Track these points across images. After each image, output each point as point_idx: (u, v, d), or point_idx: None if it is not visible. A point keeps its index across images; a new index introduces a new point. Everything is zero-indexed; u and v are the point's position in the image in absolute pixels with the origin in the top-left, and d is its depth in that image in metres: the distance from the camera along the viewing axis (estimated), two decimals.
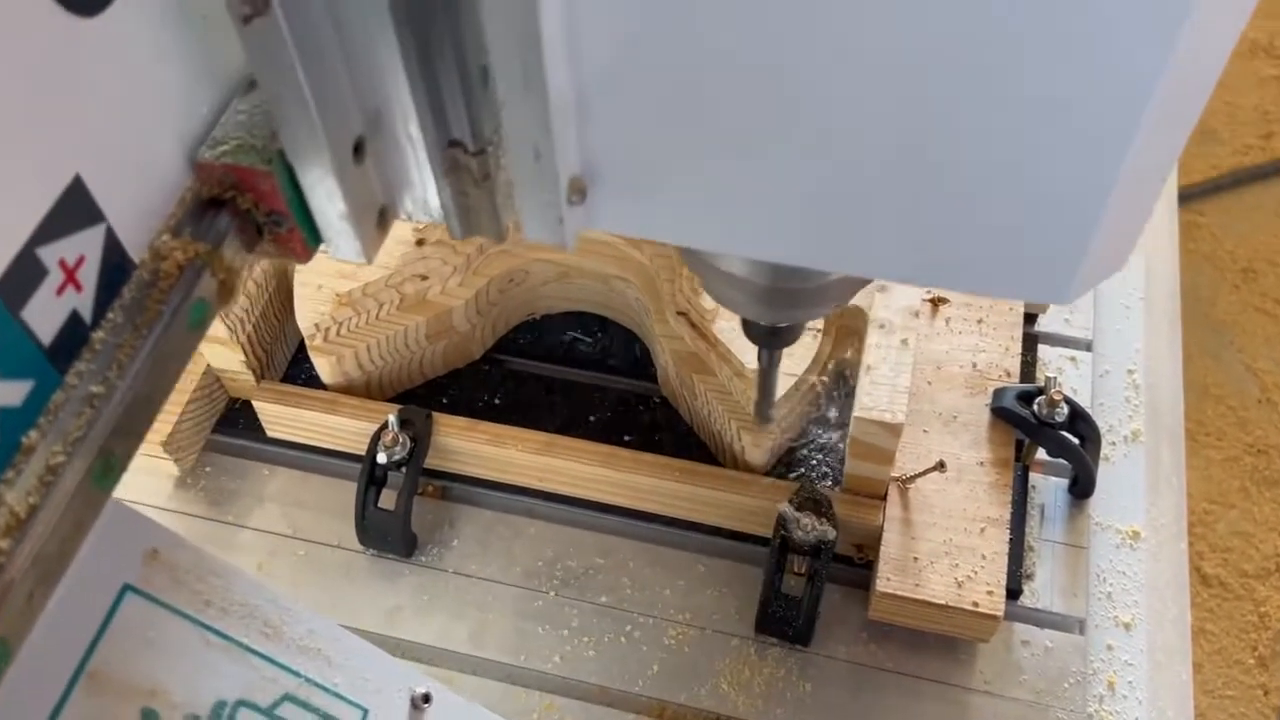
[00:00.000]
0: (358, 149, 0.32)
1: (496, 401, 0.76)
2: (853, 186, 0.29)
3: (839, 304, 0.44)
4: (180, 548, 0.43)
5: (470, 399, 0.76)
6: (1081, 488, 0.71)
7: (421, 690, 0.46)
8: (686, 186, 0.31)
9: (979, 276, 0.31)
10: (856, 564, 0.68)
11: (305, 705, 0.43)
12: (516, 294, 0.77)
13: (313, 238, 0.34)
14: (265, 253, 0.35)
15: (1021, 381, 0.72)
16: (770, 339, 0.47)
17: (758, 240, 0.32)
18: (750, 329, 0.47)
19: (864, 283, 0.45)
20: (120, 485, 0.76)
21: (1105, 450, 0.73)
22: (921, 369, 0.71)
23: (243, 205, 0.34)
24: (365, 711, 0.45)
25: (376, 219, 0.34)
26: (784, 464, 0.71)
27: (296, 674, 0.44)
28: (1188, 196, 1.78)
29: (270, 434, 0.75)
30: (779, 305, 0.42)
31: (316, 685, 0.44)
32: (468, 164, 0.31)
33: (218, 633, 0.43)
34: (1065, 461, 0.71)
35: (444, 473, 0.73)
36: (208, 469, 0.75)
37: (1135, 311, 0.82)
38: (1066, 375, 0.77)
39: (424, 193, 0.33)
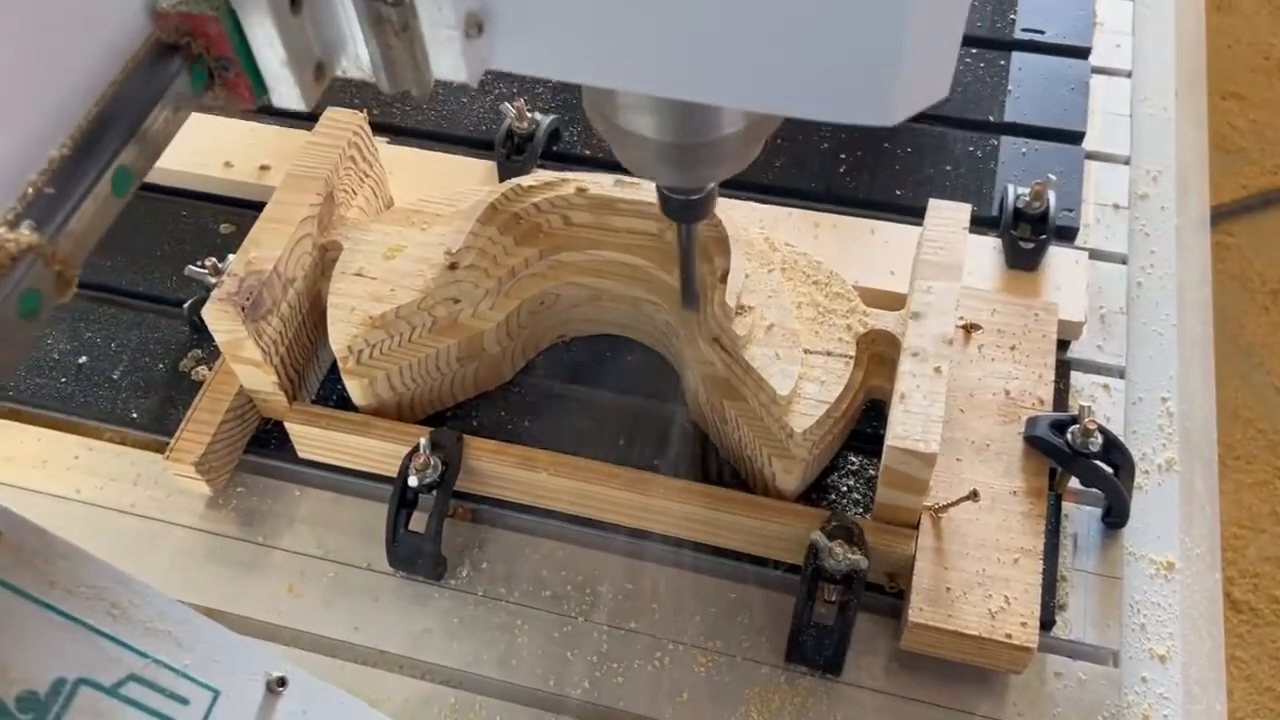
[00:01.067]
0: (294, 0, 0.35)
1: (526, 424, 0.76)
2: (700, 12, 0.32)
3: (738, 164, 0.46)
4: (25, 529, 0.45)
5: (499, 421, 0.76)
6: (1116, 517, 0.70)
7: (277, 674, 0.47)
8: (567, 18, 0.34)
9: (807, 97, 0.34)
10: (887, 592, 0.68)
11: (151, 685, 0.43)
12: (547, 317, 0.77)
13: (259, 85, 0.37)
14: (216, 99, 0.38)
15: (1054, 409, 0.72)
16: (684, 211, 0.49)
17: (627, 71, 0.35)
18: (665, 205, 0.49)
19: (758, 138, 0.46)
20: (150, 502, 0.76)
21: (1139, 479, 0.73)
22: (954, 396, 0.70)
23: (195, 50, 0.37)
24: (217, 693, 0.45)
25: (314, 71, 0.37)
26: (813, 490, 0.71)
27: (143, 654, 0.44)
28: (1217, 217, 1.77)
29: (301, 455, 0.75)
30: (683, 164, 0.44)
31: (164, 666, 0.44)
32: (389, 15, 0.34)
33: (62, 613, 0.43)
34: (1098, 490, 0.71)
35: (474, 495, 0.73)
36: (239, 489, 0.76)
37: (1169, 339, 0.81)
38: (1099, 403, 0.77)
39: (355, 48, 0.36)
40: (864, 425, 0.74)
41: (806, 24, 0.32)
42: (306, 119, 0.87)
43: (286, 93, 0.37)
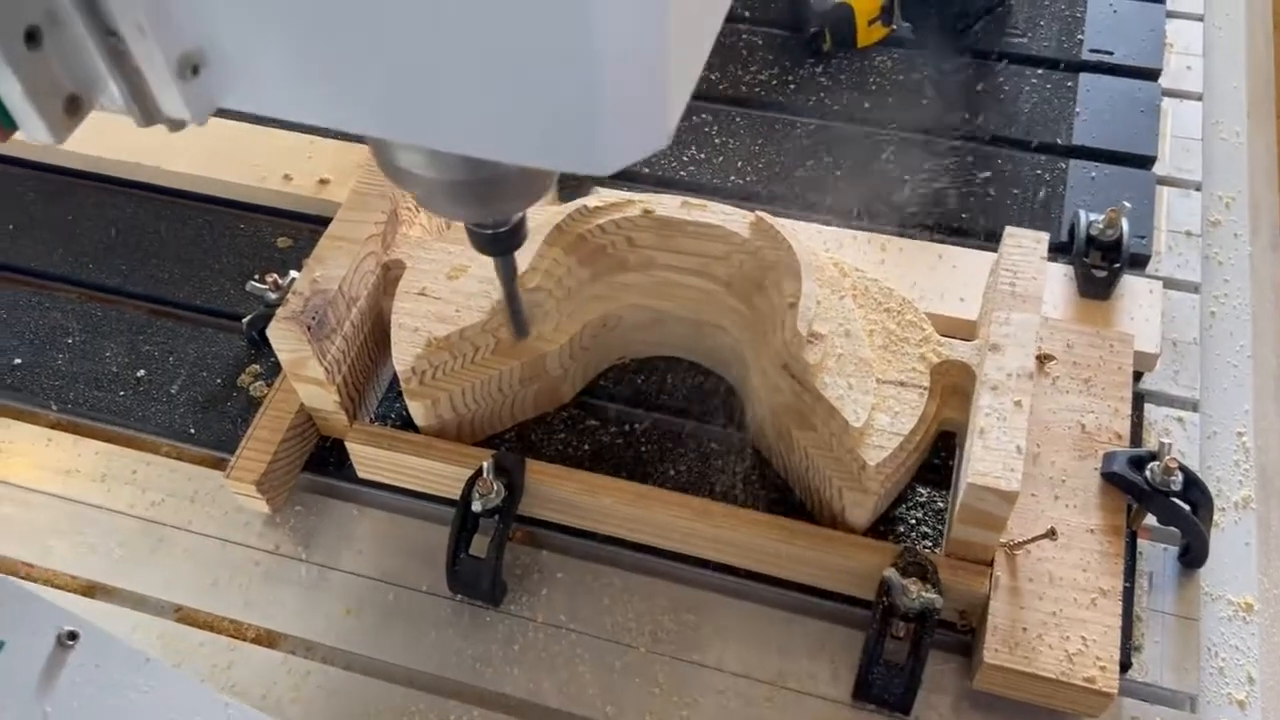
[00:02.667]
0: (31, 37, 0.35)
1: (584, 446, 0.75)
2: (403, 58, 0.33)
3: (530, 198, 0.45)
4: None
5: (557, 443, 0.75)
6: (1193, 557, 0.68)
7: (69, 629, 0.46)
8: (278, 61, 0.34)
9: (519, 144, 0.34)
10: (959, 631, 0.66)
11: None
12: (608, 338, 0.76)
13: (7, 119, 0.37)
14: None
15: (1130, 443, 0.70)
16: (492, 244, 0.48)
17: (345, 113, 0.35)
18: (474, 239, 0.48)
19: (545, 176, 0.46)
20: (207, 519, 0.76)
21: (1215, 516, 0.71)
22: (1029, 430, 0.68)
23: None
24: (2, 644, 0.46)
25: (64, 105, 0.37)
26: (880, 521, 0.70)
27: None
28: None
29: (360, 475, 0.74)
30: (468, 200, 0.43)
31: None
32: (126, 50, 0.34)
33: None
34: (1175, 528, 0.69)
35: (532, 519, 0.72)
36: (297, 508, 0.75)
37: (1243, 370, 0.79)
38: (1173, 436, 0.75)
39: (108, 84, 0.36)
40: (932, 456, 0.72)
41: (504, 73, 0.32)
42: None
43: (34, 126, 0.37)
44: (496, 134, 0.34)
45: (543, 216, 0.73)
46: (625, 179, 0.90)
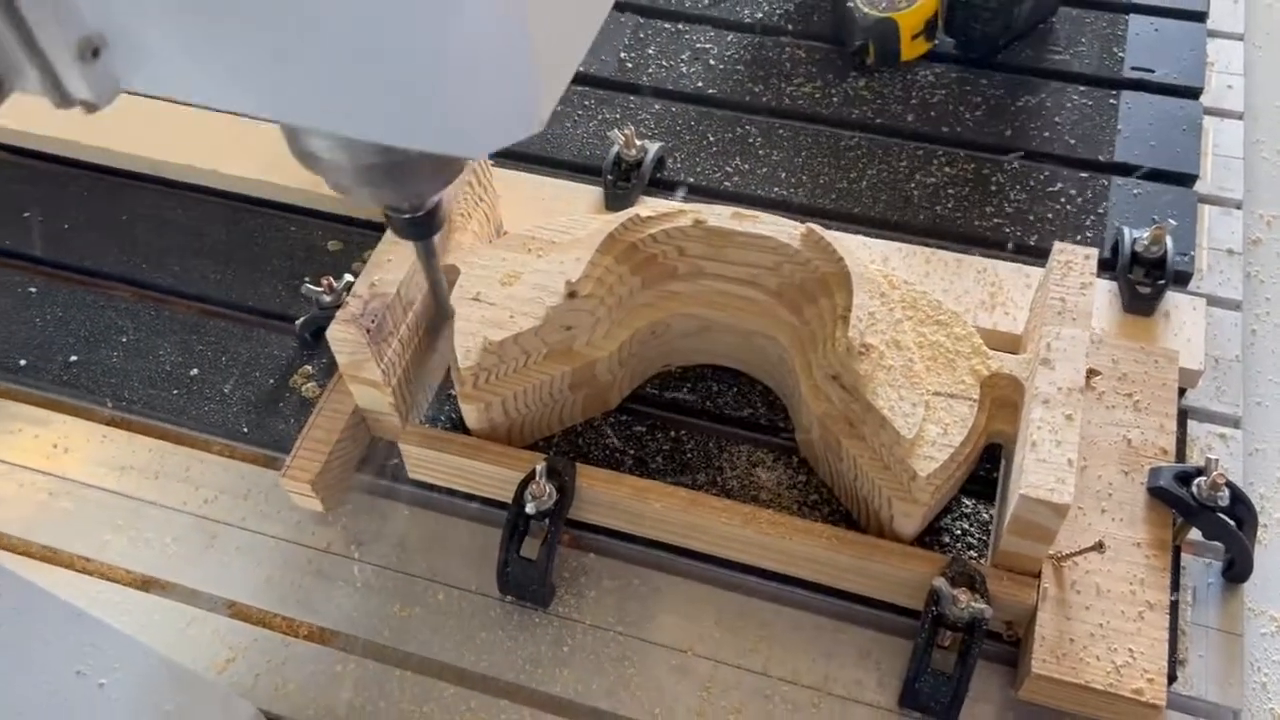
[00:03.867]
0: None
1: (631, 452, 0.76)
2: (283, 42, 0.34)
3: (442, 180, 0.47)
4: None
5: (604, 448, 0.76)
6: (1237, 572, 0.69)
7: None
8: (175, 44, 0.35)
9: (400, 126, 0.36)
10: (1005, 641, 0.67)
11: None
12: (656, 345, 0.77)
13: None
14: None
15: (1175, 459, 0.70)
16: (410, 229, 0.49)
17: (242, 96, 0.37)
18: (392, 224, 0.49)
19: (453, 165, 0.47)
20: (260, 516, 0.77)
21: (1258, 533, 0.71)
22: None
23: None
24: None
25: None
26: (927, 532, 0.70)
27: None
28: None
29: (412, 475, 0.75)
30: (379, 182, 0.44)
31: None
32: (33, 35, 0.35)
33: None
34: (1219, 543, 0.69)
35: (585, 524, 0.73)
36: (348, 507, 0.76)
37: None
38: (1216, 452, 0.75)
39: (25, 69, 0.37)
40: (977, 468, 0.73)
41: (379, 57, 0.33)
42: None
43: None
44: (375, 115, 0.36)
45: (595, 225, 0.74)
46: (666, 188, 0.91)
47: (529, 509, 0.68)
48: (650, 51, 1.02)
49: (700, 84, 0.99)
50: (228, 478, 0.79)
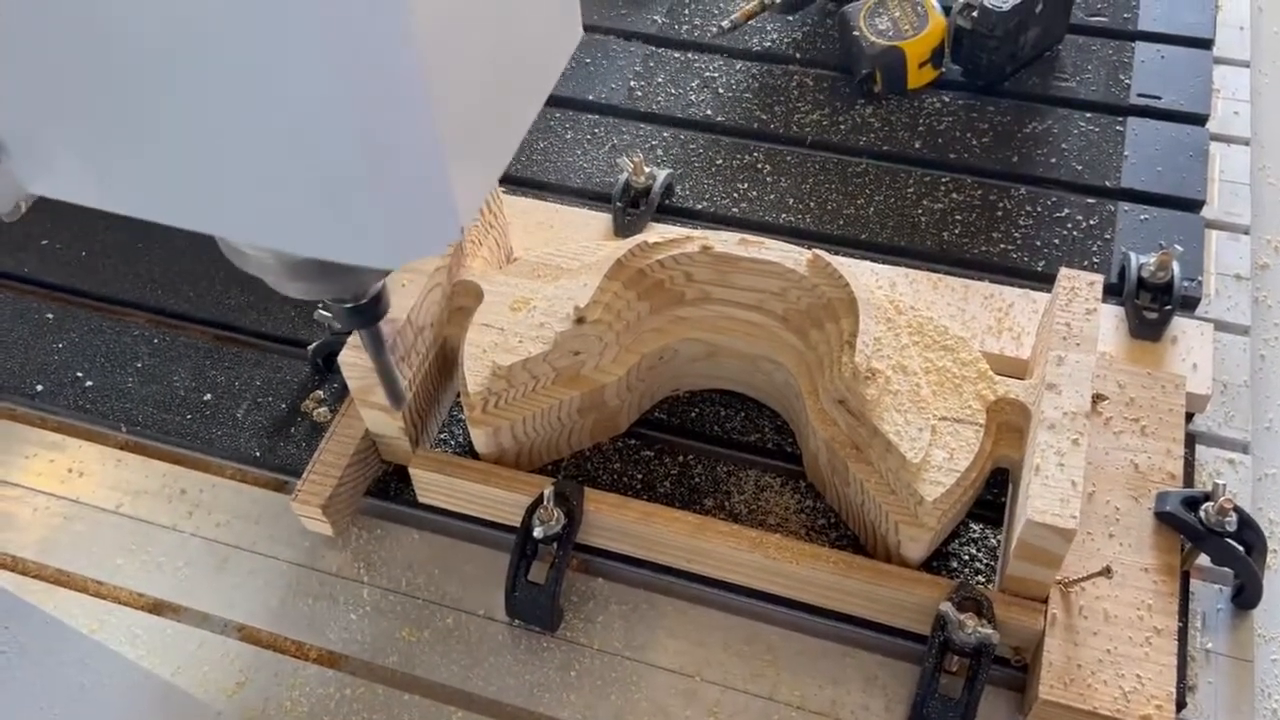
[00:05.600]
0: None
1: (639, 476, 0.76)
2: (187, 155, 0.34)
3: (374, 275, 0.45)
4: None
5: (612, 472, 0.77)
6: (1247, 598, 0.68)
7: None
8: (69, 152, 0.35)
9: (314, 238, 0.35)
10: (1013, 666, 0.67)
11: None
12: (664, 370, 0.78)
13: None
14: None
15: (1183, 484, 0.70)
16: (354, 318, 0.47)
17: (145, 204, 0.36)
18: (335, 314, 0.48)
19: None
20: (270, 540, 0.78)
21: (1268, 558, 0.71)
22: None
23: None
24: None
25: None
26: (933, 557, 0.70)
27: None
28: None
29: (421, 499, 0.76)
30: (311, 278, 0.43)
31: None
32: None
33: None
34: (1228, 569, 0.69)
35: (589, 547, 0.73)
36: (359, 531, 0.77)
37: None
38: (1224, 477, 0.75)
39: None
40: (984, 493, 0.73)
41: (287, 171, 0.33)
42: None
43: None
44: (286, 226, 0.35)
45: (604, 252, 0.75)
46: (677, 215, 0.92)
47: (537, 533, 0.68)
48: (659, 79, 1.03)
49: (709, 111, 1.00)
50: (239, 502, 0.79)
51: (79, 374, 0.86)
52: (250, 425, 0.82)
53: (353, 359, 0.68)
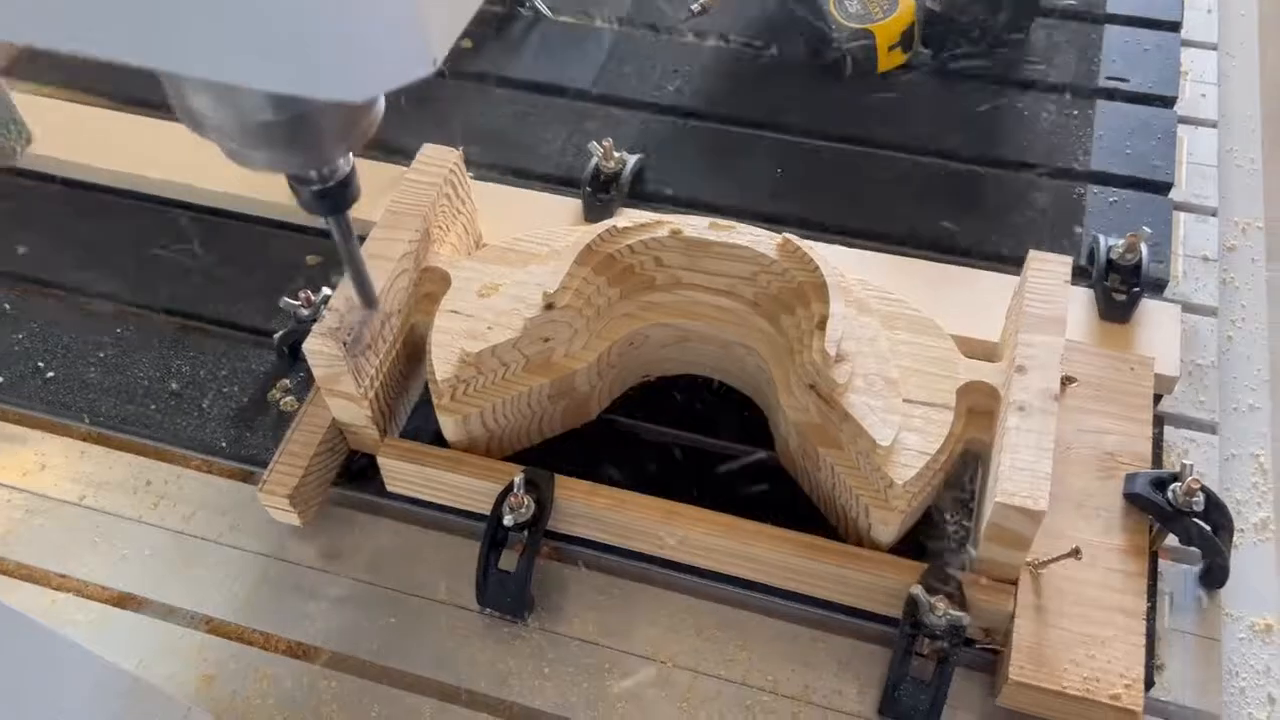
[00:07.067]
0: None
1: (610, 462, 0.76)
2: None
3: (351, 140, 0.42)
4: None
5: (584, 459, 0.76)
6: (1215, 578, 0.69)
7: None
8: None
9: (274, 69, 0.32)
10: (983, 647, 0.67)
11: None
12: (635, 356, 0.78)
13: None
14: None
15: (1151, 465, 0.71)
16: (318, 202, 0.45)
17: (100, 38, 0.33)
18: (302, 199, 0.45)
19: (362, 113, 0.42)
20: (237, 531, 0.77)
21: (1234, 538, 0.71)
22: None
23: None
24: None
25: None
26: (904, 540, 0.70)
27: None
28: None
29: (390, 489, 0.75)
30: (285, 145, 0.40)
31: None
32: None
33: None
34: (1196, 549, 0.70)
35: (560, 534, 0.73)
36: (327, 521, 0.76)
37: (1261, 394, 0.80)
38: (1192, 458, 0.76)
39: None
40: (955, 475, 0.73)
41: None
42: (396, 153, 0.88)
43: None
44: (246, 57, 0.32)
45: (573, 237, 0.74)
46: (648, 200, 0.91)
47: (507, 521, 0.68)
48: (629, 64, 1.02)
49: (679, 96, 0.99)
50: (206, 493, 0.78)
51: (40, 365, 0.84)
52: (216, 415, 0.80)
53: (317, 347, 0.67)
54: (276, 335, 0.81)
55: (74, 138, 0.97)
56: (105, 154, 0.96)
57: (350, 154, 0.45)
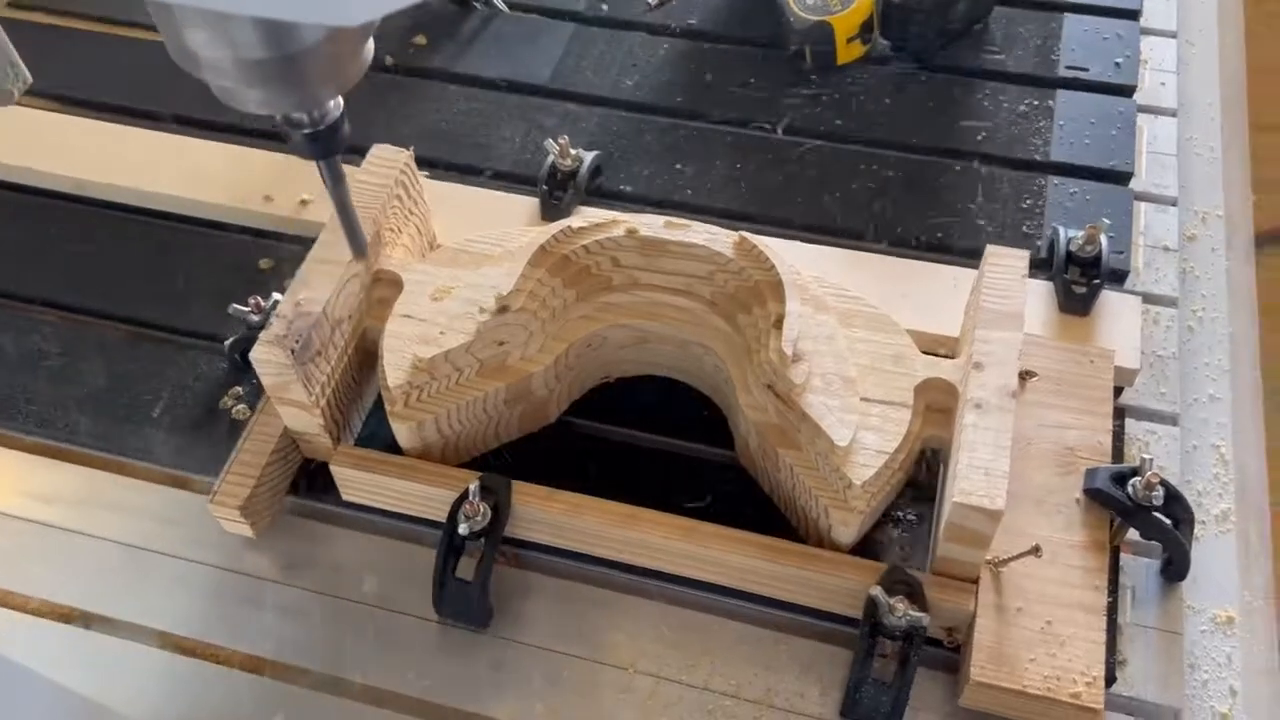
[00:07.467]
0: None
1: (569, 466, 0.75)
2: None
3: (337, 80, 0.44)
4: None
5: (542, 463, 0.75)
6: (1175, 571, 0.69)
7: None
8: None
9: None
10: (945, 647, 0.66)
11: None
12: (593, 358, 0.76)
13: None
14: None
15: (1112, 459, 0.70)
16: (310, 146, 0.47)
17: None
18: (293, 143, 0.47)
19: (351, 51, 0.44)
20: (189, 544, 0.75)
21: (1195, 530, 0.71)
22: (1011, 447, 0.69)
23: None
24: None
25: None
26: (864, 540, 0.70)
27: None
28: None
29: (345, 498, 0.74)
30: (269, 82, 0.41)
31: None
32: None
33: None
34: (1155, 542, 0.69)
35: (520, 540, 0.72)
36: (281, 531, 0.74)
37: (1221, 385, 0.80)
38: (1153, 450, 0.75)
39: None
40: (915, 473, 0.73)
41: None
42: (347, 153, 0.86)
43: None
44: None
45: (527, 238, 0.73)
46: (605, 198, 0.90)
47: (462, 530, 0.67)
48: (586, 59, 1.01)
49: (637, 91, 0.98)
50: (157, 504, 0.76)
51: None
52: (166, 425, 0.79)
53: (264, 355, 0.66)
54: (227, 342, 0.80)
55: (15, 142, 0.95)
56: (43, 156, 0.94)
57: (340, 97, 0.46)
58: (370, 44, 0.46)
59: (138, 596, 0.72)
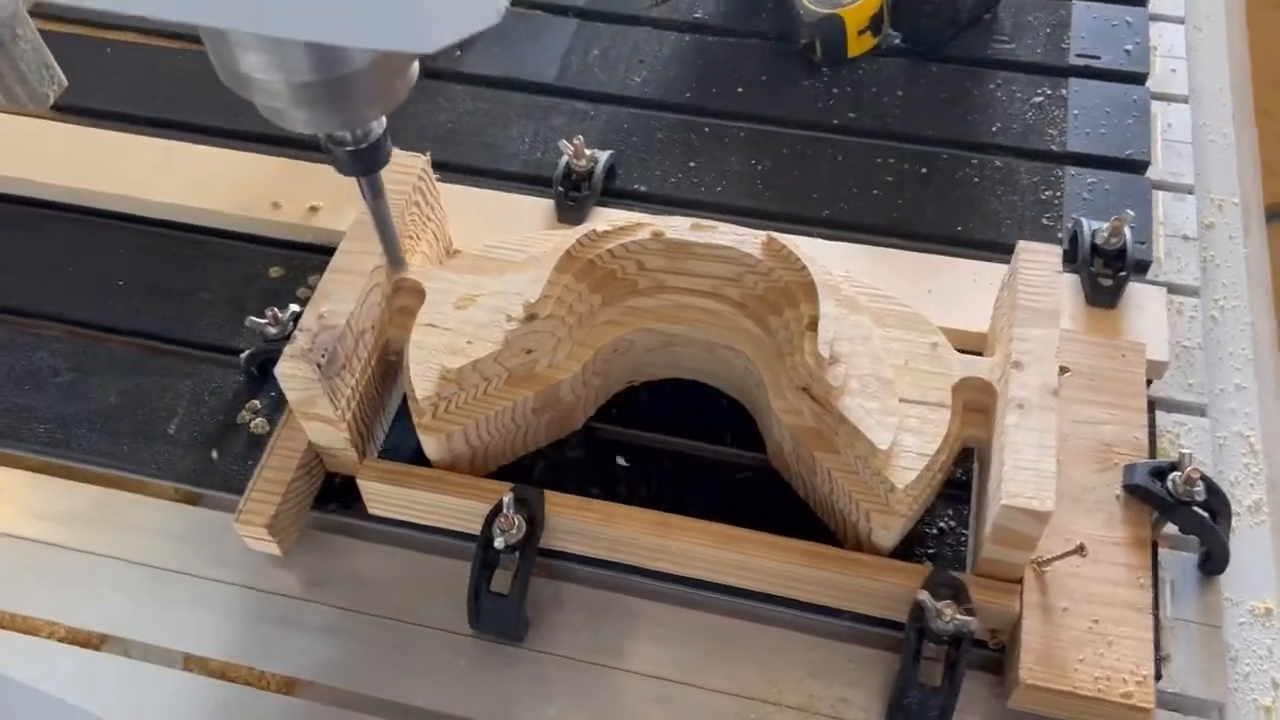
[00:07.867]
0: None
1: (599, 473, 0.74)
2: None
3: (384, 101, 0.44)
4: None
5: (571, 471, 0.74)
6: (1214, 564, 0.68)
7: None
8: None
9: (339, 21, 0.33)
10: (990, 649, 0.66)
11: None
12: (620, 363, 0.75)
13: None
14: None
15: (1148, 453, 0.70)
16: (353, 163, 0.48)
17: (165, 3, 0.34)
18: (336, 160, 0.48)
19: (399, 71, 0.44)
20: (211, 563, 0.74)
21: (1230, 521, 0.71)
22: None
23: None
24: None
25: None
26: (904, 541, 0.69)
27: None
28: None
29: (371, 511, 0.72)
30: (316, 104, 0.42)
31: None
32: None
33: None
34: (1193, 536, 0.69)
35: (553, 551, 0.71)
36: (304, 547, 0.73)
37: (1247, 374, 0.80)
38: (1184, 441, 0.75)
39: None
40: (953, 474, 0.72)
41: None
42: None
43: None
44: (311, 11, 0.33)
45: (550, 243, 0.71)
46: (621, 197, 0.88)
47: (497, 544, 0.65)
48: (594, 56, 0.99)
49: (647, 88, 0.96)
50: (177, 523, 0.75)
51: None
52: (184, 440, 0.77)
53: (290, 370, 0.64)
54: (243, 355, 0.78)
55: (19, 154, 0.92)
56: (44, 167, 0.91)
57: (383, 116, 0.47)
58: (416, 64, 0.46)
59: (162, 619, 0.71)
